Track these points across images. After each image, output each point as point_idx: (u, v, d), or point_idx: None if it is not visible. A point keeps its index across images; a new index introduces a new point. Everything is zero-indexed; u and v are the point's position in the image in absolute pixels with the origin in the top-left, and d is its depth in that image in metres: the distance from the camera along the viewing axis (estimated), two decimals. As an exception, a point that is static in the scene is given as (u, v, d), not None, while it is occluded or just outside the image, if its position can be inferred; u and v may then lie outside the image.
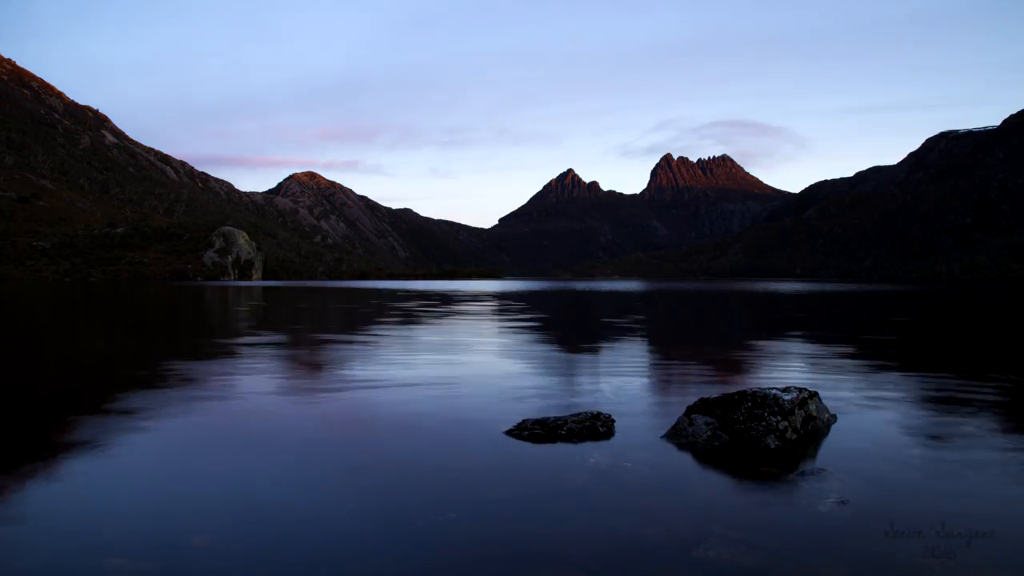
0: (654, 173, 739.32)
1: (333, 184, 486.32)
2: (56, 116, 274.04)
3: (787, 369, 8.41)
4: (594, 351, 10.58)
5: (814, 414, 4.93)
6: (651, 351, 10.78)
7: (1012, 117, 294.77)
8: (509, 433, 4.80)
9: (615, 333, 13.97)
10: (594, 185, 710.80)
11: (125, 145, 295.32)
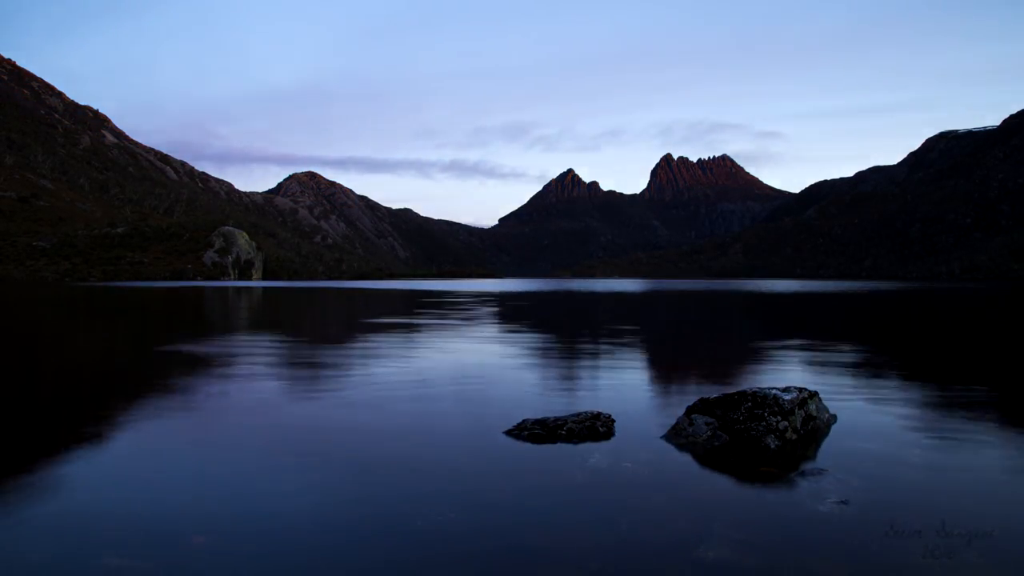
0: (654, 173, 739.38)
1: (333, 184, 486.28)
2: (56, 116, 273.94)
3: (787, 369, 8.41)
4: (594, 351, 10.58)
5: (814, 414, 4.92)
6: (651, 351, 10.78)
7: (1012, 117, 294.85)
8: (509, 433, 4.80)
9: (615, 333, 13.97)
10: (594, 185, 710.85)
11: (125, 145, 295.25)
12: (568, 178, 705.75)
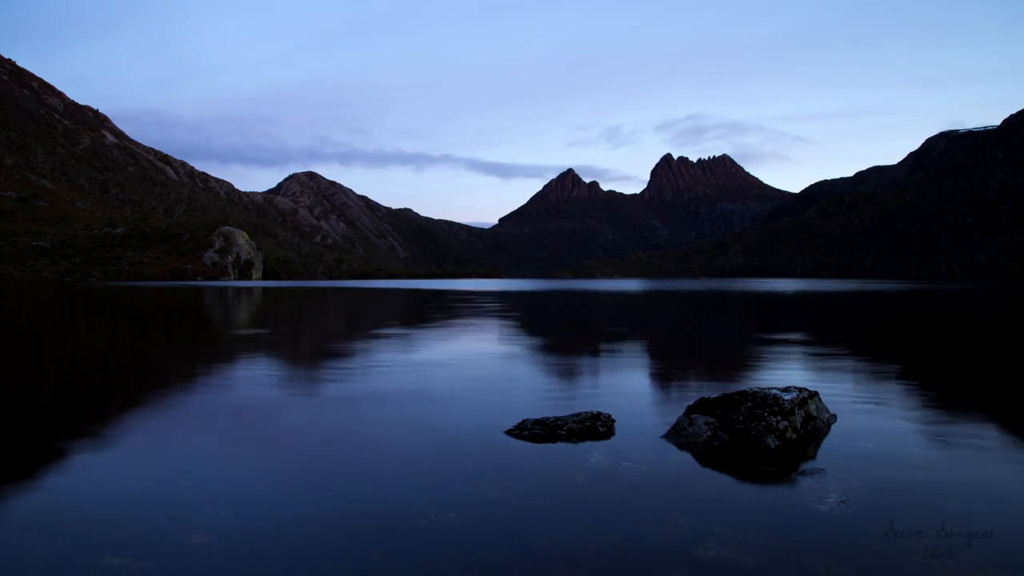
0: (654, 173, 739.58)
1: (333, 184, 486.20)
2: (56, 116, 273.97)
3: (787, 369, 8.40)
4: (594, 352, 10.58)
5: (814, 414, 4.93)
6: (651, 351, 10.77)
7: (1012, 117, 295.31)
8: (509, 433, 4.80)
9: (615, 334, 13.97)
10: (594, 185, 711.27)
11: (125, 145, 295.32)
12: (568, 178, 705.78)
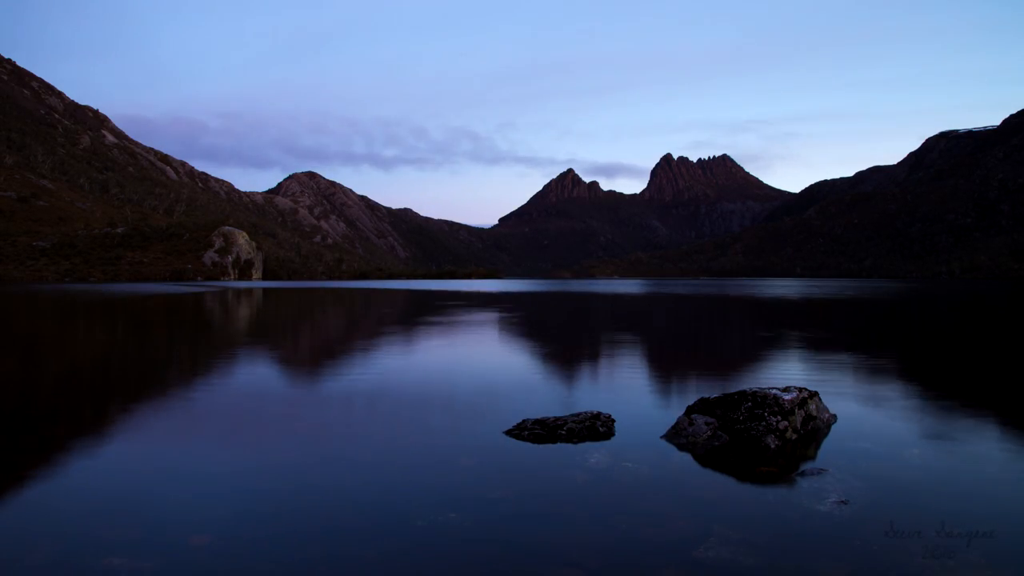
0: (654, 173, 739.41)
1: (333, 184, 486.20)
2: (56, 116, 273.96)
3: (787, 369, 8.41)
4: (594, 352, 10.58)
5: (814, 414, 4.93)
6: (651, 351, 10.77)
7: (1012, 117, 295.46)
8: (509, 433, 4.80)
9: (615, 334, 13.96)
10: (594, 185, 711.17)
11: (125, 145, 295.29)
12: (568, 178, 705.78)
